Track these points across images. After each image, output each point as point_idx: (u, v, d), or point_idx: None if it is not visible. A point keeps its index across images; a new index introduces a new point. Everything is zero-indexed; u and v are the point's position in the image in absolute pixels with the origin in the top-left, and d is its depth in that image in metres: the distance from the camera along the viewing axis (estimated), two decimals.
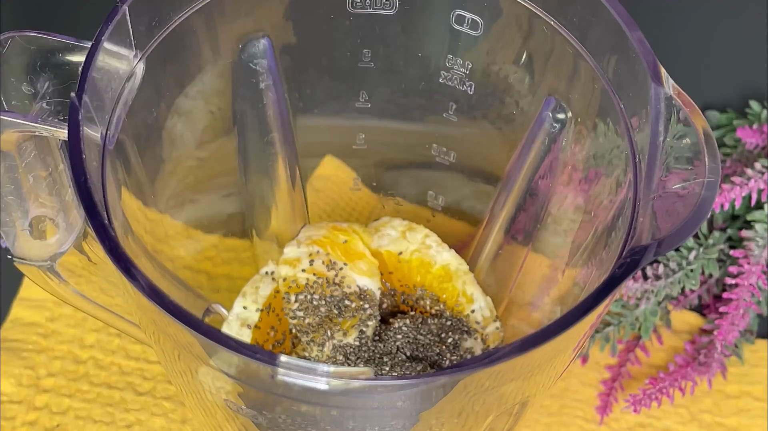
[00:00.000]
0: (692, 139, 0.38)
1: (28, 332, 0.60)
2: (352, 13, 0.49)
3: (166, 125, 0.50)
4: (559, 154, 0.50)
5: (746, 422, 0.59)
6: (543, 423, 0.59)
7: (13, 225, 0.46)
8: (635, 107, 0.42)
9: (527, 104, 0.51)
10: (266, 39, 0.50)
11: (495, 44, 0.49)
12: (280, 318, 0.55)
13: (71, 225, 0.47)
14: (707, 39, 0.76)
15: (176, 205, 0.53)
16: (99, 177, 0.40)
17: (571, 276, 0.50)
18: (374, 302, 0.55)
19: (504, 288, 0.57)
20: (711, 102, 0.71)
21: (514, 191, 0.54)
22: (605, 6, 0.42)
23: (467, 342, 0.55)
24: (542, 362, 0.39)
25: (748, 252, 0.60)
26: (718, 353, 0.59)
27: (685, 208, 0.37)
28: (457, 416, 0.41)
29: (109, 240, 0.36)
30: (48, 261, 0.48)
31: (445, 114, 0.54)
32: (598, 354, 0.61)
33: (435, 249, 0.57)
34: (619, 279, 0.36)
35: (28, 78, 0.41)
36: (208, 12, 0.46)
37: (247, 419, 0.42)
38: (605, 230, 0.44)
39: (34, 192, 0.45)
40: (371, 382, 0.35)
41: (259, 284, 0.56)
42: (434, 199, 0.60)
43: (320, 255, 0.55)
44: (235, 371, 0.37)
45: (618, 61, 0.42)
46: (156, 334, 0.41)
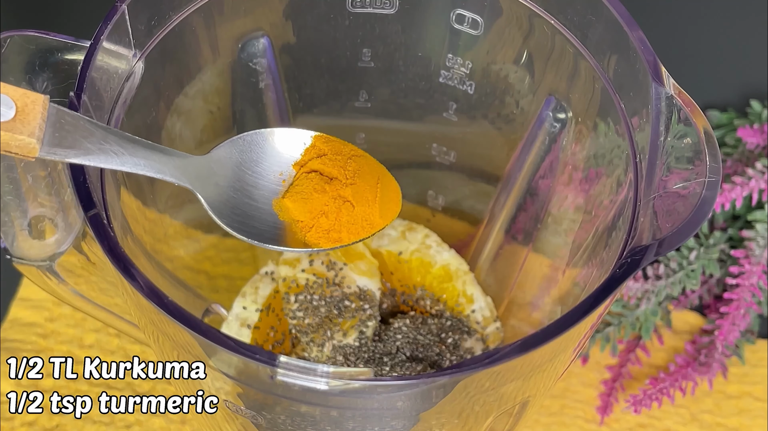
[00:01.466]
0: (693, 139, 0.38)
1: (27, 332, 0.60)
2: (351, 12, 0.49)
3: (165, 125, 0.49)
4: (560, 154, 0.50)
5: (747, 422, 0.59)
6: (543, 423, 0.59)
7: (12, 225, 0.46)
8: (636, 107, 0.41)
9: (527, 104, 0.51)
10: (266, 38, 0.50)
11: (495, 43, 0.49)
12: (279, 318, 0.55)
13: (70, 225, 0.47)
14: (708, 38, 0.76)
15: (175, 204, 0.53)
16: (98, 176, 0.40)
17: (571, 276, 0.50)
18: (374, 302, 0.54)
19: (504, 288, 0.57)
20: (712, 101, 0.71)
21: (515, 191, 0.54)
22: (606, 5, 0.42)
23: (467, 343, 0.55)
24: (542, 362, 0.39)
25: (748, 252, 0.60)
26: (719, 353, 0.59)
27: (685, 208, 0.37)
28: (457, 416, 0.41)
29: (108, 240, 0.36)
30: (47, 261, 0.48)
31: (445, 113, 0.54)
32: (599, 354, 0.61)
33: (435, 249, 0.57)
34: (620, 279, 0.36)
35: (27, 77, 0.41)
36: (207, 11, 0.46)
37: (246, 419, 0.42)
38: (606, 230, 0.44)
39: (32, 191, 0.45)
40: (371, 382, 0.35)
41: (259, 284, 0.56)
42: (434, 199, 0.60)
43: (320, 256, 0.55)
44: (235, 371, 0.37)
45: (618, 61, 0.42)
46: (155, 334, 0.41)
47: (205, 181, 0.41)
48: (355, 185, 0.44)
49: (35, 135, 0.36)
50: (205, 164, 0.42)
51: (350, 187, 0.44)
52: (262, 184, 0.44)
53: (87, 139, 0.37)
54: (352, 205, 0.44)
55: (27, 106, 0.36)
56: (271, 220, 0.44)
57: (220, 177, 0.42)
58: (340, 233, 0.44)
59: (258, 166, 0.44)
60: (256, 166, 0.44)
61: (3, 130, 0.35)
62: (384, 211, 0.45)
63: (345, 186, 0.44)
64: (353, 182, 0.44)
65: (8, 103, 0.35)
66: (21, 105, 0.36)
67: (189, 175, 0.41)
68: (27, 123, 0.36)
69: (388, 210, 0.45)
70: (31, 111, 0.36)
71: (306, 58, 0.53)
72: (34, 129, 0.36)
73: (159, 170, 0.39)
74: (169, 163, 0.40)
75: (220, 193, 0.42)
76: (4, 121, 0.35)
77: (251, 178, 0.44)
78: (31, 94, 0.36)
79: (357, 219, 0.44)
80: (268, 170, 0.44)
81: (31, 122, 0.36)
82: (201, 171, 0.41)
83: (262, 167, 0.44)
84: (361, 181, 0.44)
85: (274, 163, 0.44)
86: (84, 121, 0.37)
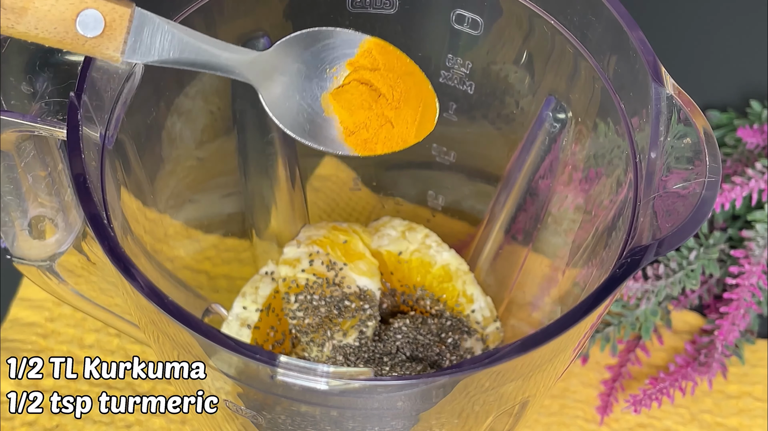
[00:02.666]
0: (693, 139, 0.38)
1: (27, 332, 0.60)
2: (352, 12, 0.49)
3: (165, 125, 0.49)
4: (560, 154, 0.50)
5: (747, 422, 0.59)
6: (543, 423, 0.59)
7: (12, 225, 0.46)
8: (636, 107, 0.41)
9: (527, 104, 0.51)
10: (266, 38, 0.50)
11: (495, 44, 0.49)
12: (279, 318, 0.55)
13: (70, 225, 0.47)
14: (708, 38, 0.76)
15: (176, 204, 0.53)
16: (98, 177, 0.40)
17: (571, 276, 0.50)
18: (374, 302, 0.54)
19: (504, 288, 0.57)
20: (711, 101, 0.71)
21: (515, 191, 0.54)
22: (606, 5, 0.42)
23: (467, 343, 0.55)
24: (542, 362, 0.39)
25: (748, 252, 0.60)
26: (719, 353, 0.59)
27: (685, 208, 0.37)
28: (457, 416, 0.41)
29: (108, 240, 0.36)
30: (47, 261, 0.48)
31: (445, 114, 0.54)
32: (599, 354, 0.61)
33: (435, 249, 0.57)
34: (620, 279, 0.36)
35: (27, 77, 0.41)
36: (207, 11, 0.46)
37: (246, 419, 0.42)
38: (605, 230, 0.44)
39: (33, 192, 0.45)
40: (371, 382, 0.35)
41: (259, 284, 0.56)
42: (434, 199, 0.60)
43: (320, 256, 0.55)
44: (235, 371, 0.37)
45: (618, 61, 0.42)
46: (155, 334, 0.41)
47: (268, 78, 0.42)
48: (399, 109, 0.46)
49: (119, 49, 0.37)
50: (269, 60, 0.43)
51: (395, 110, 0.45)
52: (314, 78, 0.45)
53: (168, 41, 0.38)
54: (392, 125, 0.46)
55: (114, 21, 0.36)
56: (315, 114, 0.45)
57: (280, 72, 0.43)
58: (376, 145, 0.45)
59: (315, 59, 0.45)
60: (314, 59, 0.44)
61: (91, 45, 0.36)
62: (419, 131, 0.46)
63: (390, 108, 0.45)
64: (398, 106, 0.46)
65: (98, 18, 0.36)
66: (109, 20, 0.36)
67: (255, 73, 0.42)
68: (113, 38, 0.36)
69: (424, 129, 0.47)
70: (118, 26, 0.36)
71: None
72: (120, 44, 0.37)
73: (229, 69, 0.41)
74: (237, 60, 0.41)
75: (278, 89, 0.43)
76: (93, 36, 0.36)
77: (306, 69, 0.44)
78: (119, 8, 0.36)
79: (394, 136, 0.46)
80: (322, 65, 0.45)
81: (117, 37, 0.36)
82: (266, 67, 0.42)
83: (318, 60, 0.45)
84: (405, 105, 0.46)
85: (328, 59, 0.45)
86: (165, 24, 0.38)
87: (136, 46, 0.38)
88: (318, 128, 0.44)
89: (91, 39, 0.36)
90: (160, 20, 0.38)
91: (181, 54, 0.39)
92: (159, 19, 0.38)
